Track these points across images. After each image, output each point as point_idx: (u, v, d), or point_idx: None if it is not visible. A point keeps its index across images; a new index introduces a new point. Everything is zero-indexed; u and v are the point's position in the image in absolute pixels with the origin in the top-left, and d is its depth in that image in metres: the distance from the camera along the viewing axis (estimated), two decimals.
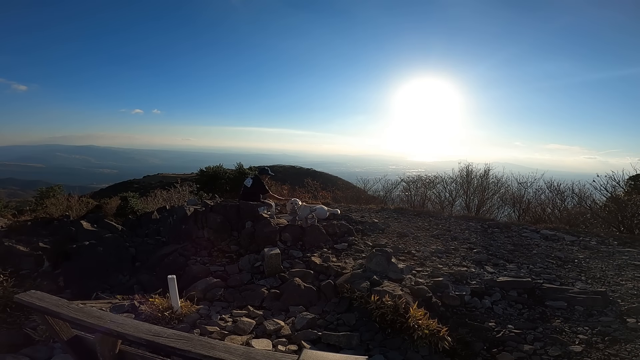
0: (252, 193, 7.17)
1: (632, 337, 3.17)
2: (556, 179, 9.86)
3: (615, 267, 4.94)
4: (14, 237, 6.30)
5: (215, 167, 14.62)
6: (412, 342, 3.18)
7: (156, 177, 55.61)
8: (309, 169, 51.81)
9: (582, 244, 6.12)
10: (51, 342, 3.02)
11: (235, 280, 4.67)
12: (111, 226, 6.83)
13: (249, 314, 3.78)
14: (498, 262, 5.17)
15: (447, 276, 4.45)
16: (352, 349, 3.13)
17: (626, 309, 3.67)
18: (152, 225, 6.99)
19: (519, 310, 3.82)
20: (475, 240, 6.20)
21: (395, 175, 12.86)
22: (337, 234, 6.04)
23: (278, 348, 3.16)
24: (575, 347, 3.10)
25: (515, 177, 10.62)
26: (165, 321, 3.44)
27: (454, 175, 11.27)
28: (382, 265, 4.37)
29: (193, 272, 4.90)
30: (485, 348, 3.22)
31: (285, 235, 5.76)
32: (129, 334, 1.81)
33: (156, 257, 5.66)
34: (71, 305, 2.06)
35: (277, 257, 4.73)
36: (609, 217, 8.08)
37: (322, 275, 4.58)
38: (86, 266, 5.35)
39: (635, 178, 8.99)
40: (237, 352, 1.60)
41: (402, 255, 5.27)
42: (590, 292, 3.95)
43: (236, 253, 5.52)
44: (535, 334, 3.34)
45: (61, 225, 6.86)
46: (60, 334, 2.21)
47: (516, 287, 4.18)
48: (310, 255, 5.18)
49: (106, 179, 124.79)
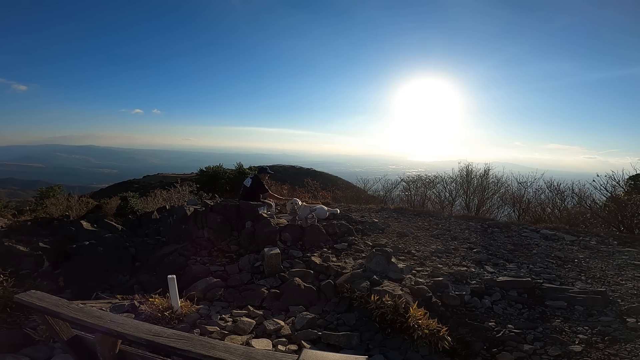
0: (252, 193, 7.16)
1: (632, 336, 3.17)
2: (556, 178, 9.87)
3: (615, 267, 4.94)
4: (14, 237, 6.30)
5: (215, 167, 14.63)
6: (412, 341, 3.18)
7: (156, 177, 55.61)
8: (309, 169, 51.82)
9: (582, 243, 6.12)
10: (51, 342, 3.02)
11: (235, 280, 4.67)
12: (111, 226, 6.84)
13: (249, 313, 3.78)
14: (498, 261, 5.17)
15: (447, 276, 4.45)
16: (352, 349, 3.14)
17: (626, 308, 3.67)
18: (152, 225, 7.00)
19: (519, 310, 3.82)
20: (475, 240, 6.20)
21: (395, 175, 12.88)
22: (337, 233, 6.04)
23: (278, 348, 3.16)
24: (575, 346, 3.10)
25: (515, 177, 10.63)
26: (165, 321, 3.44)
27: (454, 175, 11.28)
28: (382, 265, 4.37)
29: (193, 272, 4.90)
30: (485, 348, 3.22)
31: (285, 235, 5.76)
32: (129, 334, 1.81)
33: (156, 257, 5.66)
34: (71, 305, 2.06)
35: (277, 257, 4.73)
36: (608, 216, 8.08)
37: (322, 275, 4.58)
38: (86, 266, 5.36)
39: (635, 178, 8.99)
40: (237, 352, 1.60)
41: (402, 255, 5.27)
42: (590, 292, 3.95)
43: (236, 253, 5.52)
44: (535, 333, 3.34)
45: (61, 225, 6.86)
46: (60, 333, 2.21)
47: (516, 287, 4.18)
48: (310, 255, 5.18)
49: (106, 179, 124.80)
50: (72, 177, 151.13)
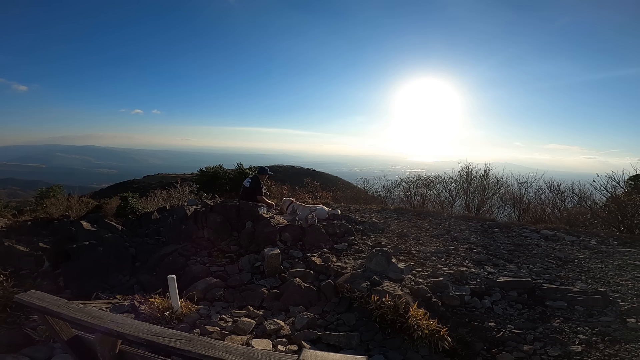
0: (252, 193, 7.18)
1: (632, 337, 3.17)
2: (556, 179, 9.87)
3: (615, 267, 4.94)
4: (14, 237, 6.31)
5: (215, 167, 14.64)
6: (412, 342, 3.18)
7: (156, 177, 55.60)
8: (309, 169, 51.79)
9: (582, 244, 6.12)
10: (51, 342, 3.02)
11: (235, 280, 4.67)
12: (111, 226, 6.83)
13: (249, 314, 3.78)
14: (498, 262, 5.17)
15: (447, 276, 4.45)
16: (352, 349, 3.13)
17: (626, 309, 3.67)
18: (152, 225, 6.99)
19: (519, 310, 3.82)
20: (475, 240, 6.20)
21: (395, 175, 12.86)
22: (337, 234, 6.04)
23: (278, 348, 3.16)
24: (575, 347, 3.10)
25: (515, 177, 10.62)
26: (165, 321, 3.44)
27: (454, 175, 11.28)
28: (382, 265, 4.37)
29: (193, 272, 4.90)
30: (485, 348, 3.22)
31: (285, 235, 5.76)
32: (129, 334, 1.81)
33: (156, 257, 5.65)
34: (71, 305, 2.06)
35: (277, 257, 4.73)
36: (609, 217, 8.07)
37: (322, 275, 4.58)
38: (86, 266, 5.35)
39: (635, 178, 8.99)
40: (237, 352, 1.60)
41: (402, 255, 5.27)
42: (590, 292, 3.95)
43: (236, 253, 5.52)
44: (535, 334, 3.34)
45: (61, 225, 6.86)
46: (61, 333, 2.21)
47: (516, 287, 4.18)
48: (310, 255, 5.18)
49: (106, 179, 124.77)
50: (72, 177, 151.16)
